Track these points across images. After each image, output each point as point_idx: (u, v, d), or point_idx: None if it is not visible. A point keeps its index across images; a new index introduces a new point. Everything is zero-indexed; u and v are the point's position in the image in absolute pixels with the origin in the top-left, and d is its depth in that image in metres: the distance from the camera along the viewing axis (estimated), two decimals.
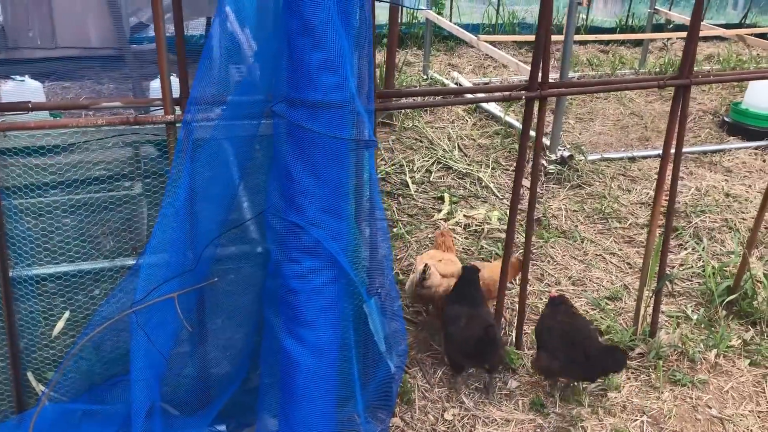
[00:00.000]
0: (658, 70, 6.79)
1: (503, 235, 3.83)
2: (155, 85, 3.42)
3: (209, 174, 2.13)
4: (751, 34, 7.26)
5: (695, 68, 6.75)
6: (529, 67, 2.58)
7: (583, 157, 4.72)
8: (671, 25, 7.36)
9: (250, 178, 2.21)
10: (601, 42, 7.84)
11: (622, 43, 7.77)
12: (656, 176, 4.61)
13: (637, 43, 7.83)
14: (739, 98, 5.67)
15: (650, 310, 2.97)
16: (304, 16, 1.88)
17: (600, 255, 3.76)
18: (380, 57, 6.69)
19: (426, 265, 2.86)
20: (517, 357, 2.90)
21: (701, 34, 6.35)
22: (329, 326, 2.07)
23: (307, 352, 2.06)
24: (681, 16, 6.79)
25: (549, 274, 3.58)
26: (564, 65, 4.47)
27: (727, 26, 8.43)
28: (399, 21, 7.29)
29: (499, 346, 2.62)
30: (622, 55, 7.53)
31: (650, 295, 2.97)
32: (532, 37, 6.88)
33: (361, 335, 2.28)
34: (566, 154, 4.62)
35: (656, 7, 6.73)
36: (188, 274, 2.15)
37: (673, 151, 2.82)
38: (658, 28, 7.52)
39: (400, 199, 4.31)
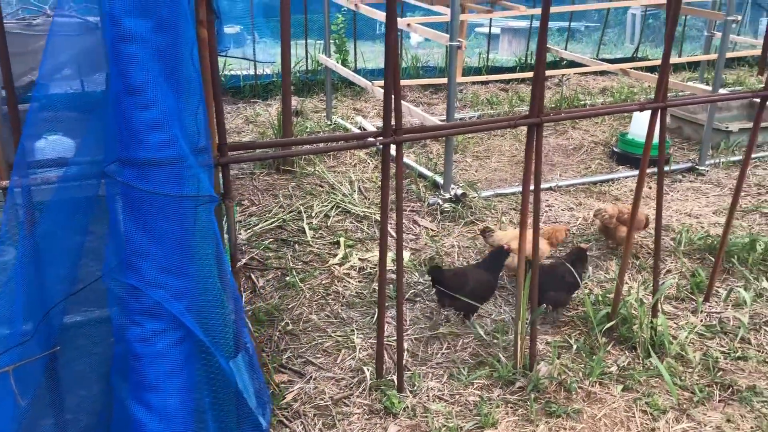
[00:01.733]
0: (553, 105, 7.06)
1: (393, 275, 3.85)
2: (41, 144, 3.32)
3: (48, 239, 2.07)
4: (642, 68, 7.68)
5: (589, 102, 6.95)
6: (423, 111, 2.63)
7: (476, 194, 4.82)
8: (564, 62, 7.69)
9: (92, 241, 2.15)
10: (502, 81, 8.12)
11: (522, 81, 8.07)
12: (546, 209, 4.81)
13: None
14: (627, 129, 5.94)
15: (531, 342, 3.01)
16: (128, 77, 1.86)
17: None
18: (278, 105, 6.77)
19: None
20: (398, 401, 2.88)
21: (593, 69, 6.66)
22: (176, 390, 2.00)
23: (154, 418, 1.99)
24: (571, 54, 7.12)
25: (438, 311, 3.60)
26: (449, 107, 4.58)
27: (622, 60, 8.88)
28: (294, 70, 7.41)
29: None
30: (522, 92, 7.81)
31: (527, 327, 3.02)
32: (427, 81, 7.21)
33: (221, 395, 2.22)
34: (459, 192, 4.72)
35: (549, 46, 7.02)
36: (31, 343, 2.06)
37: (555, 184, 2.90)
38: (554, 65, 7.85)
39: (296, 246, 4.28)
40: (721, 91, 7.44)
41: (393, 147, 2.64)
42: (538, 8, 6.44)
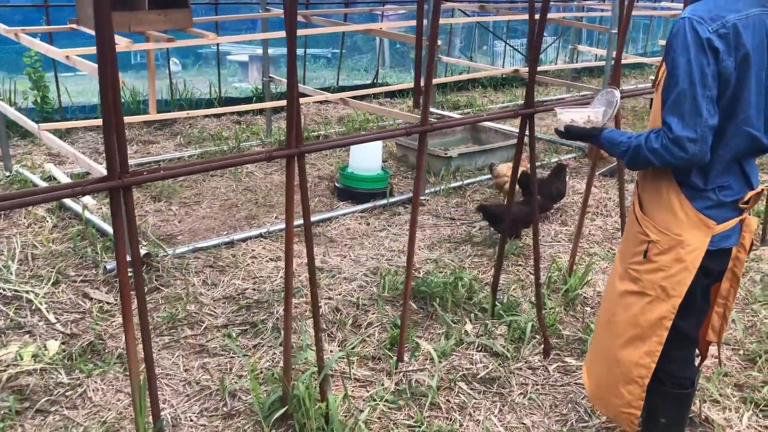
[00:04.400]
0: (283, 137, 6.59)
1: (32, 379, 3.00)
2: None
3: None
4: (381, 93, 7.47)
5: (324, 132, 6.26)
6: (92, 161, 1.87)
7: (167, 253, 4.11)
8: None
9: None
10: (235, 113, 7.53)
11: (260, 111, 7.54)
12: (249, 261, 4.22)
13: (275, 110, 7.67)
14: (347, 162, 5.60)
15: None
16: None
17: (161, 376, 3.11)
18: None
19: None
20: None
21: (310, 100, 6.27)
22: None
23: None
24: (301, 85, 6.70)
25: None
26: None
27: (359, 87, 8.73)
28: None
29: None
30: (257, 124, 7.28)
31: None
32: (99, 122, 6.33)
33: None
34: (143, 252, 3.97)
35: (270, 75, 6.54)
36: None
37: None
38: (281, 96, 7.40)
39: None
40: (454, 114, 7.52)
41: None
42: (268, 33, 5.93)
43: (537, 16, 2.83)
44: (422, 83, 2.69)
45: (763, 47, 1.99)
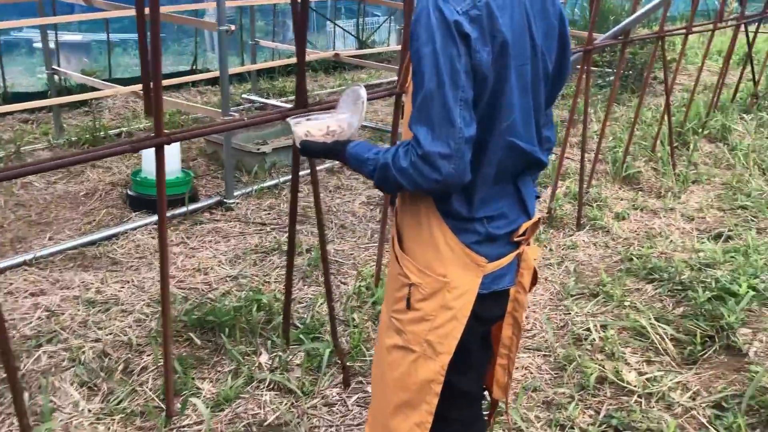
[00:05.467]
0: (88, 137, 5.75)
1: None
2: None
3: None
4: (201, 81, 6.75)
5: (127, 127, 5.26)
6: None
7: None
8: (76, 86, 6.42)
9: None
10: (26, 111, 6.53)
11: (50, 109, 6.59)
12: (3, 298, 3.48)
13: (75, 105, 6.75)
14: (139, 166, 4.93)
15: None
16: None
17: None
18: None
19: None
20: None
21: (100, 94, 5.48)
22: None
23: None
24: (80, 75, 5.88)
25: None
26: None
27: (181, 74, 7.96)
28: None
29: None
30: (49, 123, 6.35)
31: None
32: None
33: None
34: None
35: (54, 67, 5.67)
36: None
37: None
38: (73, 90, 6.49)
39: None
40: (278, 103, 6.97)
41: None
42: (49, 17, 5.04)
43: None
44: (153, 84, 2.15)
45: (524, 35, 1.59)
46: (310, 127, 1.77)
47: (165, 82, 6.45)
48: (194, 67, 8.42)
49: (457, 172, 1.53)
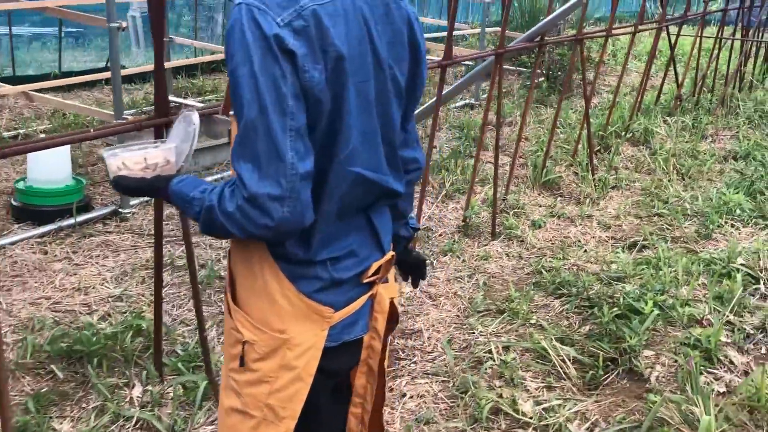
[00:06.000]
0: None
1: None
2: None
3: None
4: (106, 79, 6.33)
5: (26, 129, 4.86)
6: None
7: None
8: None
9: None
10: None
11: None
12: None
13: None
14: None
15: None
16: None
17: None
18: None
19: None
20: None
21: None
22: None
23: None
24: None
25: None
26: None
27: (94, 71, 7.52)
28: None
29: None
30: None
31: None
32: None
33: None
34: None
35: None
36: None
37: None
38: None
39: None
40: (195, 103, 6.62)
41: None
42: None
43: None
44: None
45: (365, 46, 1.37)
46: (126, 159, 1.50)
47: (75, 80, 6.08)
48: (108, 63, 7.97)
49: (293, 215, 1.29)
